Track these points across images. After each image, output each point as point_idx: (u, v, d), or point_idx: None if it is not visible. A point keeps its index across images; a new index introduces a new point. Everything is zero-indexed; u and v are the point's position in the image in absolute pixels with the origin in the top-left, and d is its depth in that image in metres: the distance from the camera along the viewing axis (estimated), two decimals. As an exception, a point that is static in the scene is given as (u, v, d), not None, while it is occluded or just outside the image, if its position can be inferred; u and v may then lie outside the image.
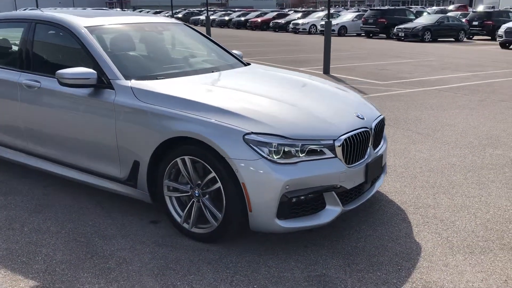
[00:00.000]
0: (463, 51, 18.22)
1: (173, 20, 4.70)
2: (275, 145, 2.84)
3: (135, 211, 3.67)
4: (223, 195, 2.95)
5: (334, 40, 23.92)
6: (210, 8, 63.00)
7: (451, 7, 54.59)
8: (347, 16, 30.13)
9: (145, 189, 3.35)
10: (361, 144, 3.19)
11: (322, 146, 2.95)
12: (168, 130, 3.07)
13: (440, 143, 5.52)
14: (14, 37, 4.63)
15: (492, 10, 27.66)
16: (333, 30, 28.58)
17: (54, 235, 3.29)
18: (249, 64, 4.49)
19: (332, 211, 3.03)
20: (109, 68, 3.48)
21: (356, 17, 28.74)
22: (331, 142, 2.98)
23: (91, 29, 3.79)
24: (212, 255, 3.01)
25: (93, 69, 3.46)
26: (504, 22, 24.86)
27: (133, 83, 3.39)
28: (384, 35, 26.67)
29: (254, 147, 2.83)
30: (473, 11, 28.24)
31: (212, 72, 3.93)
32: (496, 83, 10.16)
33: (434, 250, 3.07)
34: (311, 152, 2.92)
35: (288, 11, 41.60)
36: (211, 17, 38.99)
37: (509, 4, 47.09)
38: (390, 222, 3.46)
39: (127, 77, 3.46)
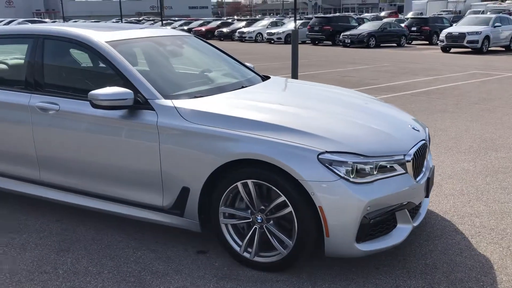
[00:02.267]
0: (411, 56, 18.96)
1: (184, 33, 4.43)
2: (351, 164, 2.68)
3: (174, 241, 3.37)
4: (295, 220, 2.75)
5: (284, 48, 24.14)
6: (148, 18, 61.83)
7: (383, 13, 57.12)
8: (292, 25, 30.49)
9: (194, 218, 3.08)
10: (421, 157, 3.11)
11: (393, 162, 2.83)
12: (227, 152, 2.83)
13: (442, 149, 5.59)
14: (12, 53, 4.19)
15: (428, 16, 29.10)
16: (280, 38, 28.87)
17: (97, 276, 2.94)
18: (267, 76, 4.31)
19: (403, 229, 2.92)
20: (145, 87, 3.19)
21: (301, 24, 29.17)
22: (402, 157, 2.87)
23: (113, 44, 3.47)
24: (284, 286, 2.80)
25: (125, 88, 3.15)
26: (440, 28, 26.38)
27: (176, 102, 3.11)
28: (329, 42, 27.25)
29: (331, 167, 2.66)
30: (411, 17, 29.55)
31: (243, 87, 3.72)
32: (459, 86, 10.58)
33: (504, 262, 3.04)
34: (382, 169, 2.79)
35: (232, 20, 41.63)
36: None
37: (435, 10, 49.85)
38: (444, 235, 3.41)
39: (166, 96, 3.18)
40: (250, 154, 2.77)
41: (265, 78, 4.25)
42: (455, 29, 20.76)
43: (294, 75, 11.78)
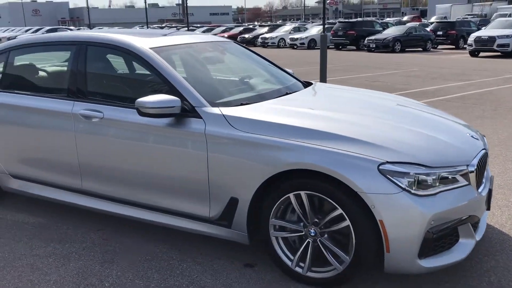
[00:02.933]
0: (438, 61, 18.60)
1: (224, 39, 4.34)
2: (413, 175, 2.53)
3: (219, 252, 3.26)
4: (353, 235, 2.61)
5: (308, 53, 24.01)
6: (170, 24, 62.40)
7: (405, 18, 56.40)
8: (315, 30, 30.35)
9: (243, 229, 2.96)
10: (482, 167, 2.94)
11: (456, 173, 2.66)
12: (279, 162, 2.71)
13: (490, 157, 5.35)
14: (50, 60, 4.16)
15: (455, 20, 28.59)
16: (303, 43, 28.73)
17: (144, 289, 2.84)
18: (309, 82, 4.18)
19: (466, 244, 2.75)
20: (191, 94, 3.09)
21: (323, 30, 28.93)
22: (465, 167, 2.71)
23: (157, 50, 3.39)
24: (341, 303, 2.66)
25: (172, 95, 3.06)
26: (467, 31, 25.88)
27: (224, 110, 3.01)
28: (353, 47, 26.99)
29: (392, 179, 2.51)
30: (437, 22, 29.06)
31: (287, 94, 3.60)
32: (494, 91, 10.28)
33: None
34: (444, 180, 2.63)
35: (254, 26, 41.66)
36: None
37: (459, 14, 49.05)
38: (504, 250, 3.22)
39: (213, 104, 3.08)
40: (304, 164, 2.64)
41: (306, 84, 4.13)
42: (484, 32, 20.30)
43: (323, 80, 11.63)
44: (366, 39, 25.10)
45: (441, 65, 16.63)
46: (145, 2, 30.54)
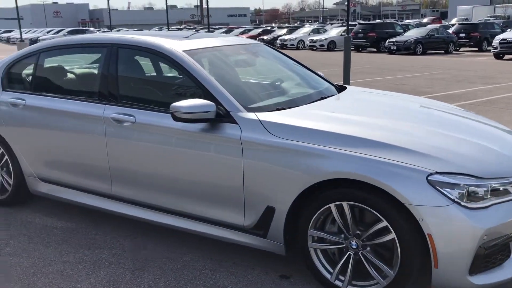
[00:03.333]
0: (462, 63, 18.25)
1: (254, 41, 4.24)
2: (464, 187, 2.39)
3: (253, 263, 3.16)
4: (398, 248, 2.48)
5: (328, 54, 23.82)
6: (189, 26, 62.68)
7: (425, 20, 55.65)
8: (334, 31, 30.14)
9: (279, 239, 2.86)
10: None
11: (507, 185, 2.51)
12: (320, 170, 2.59)
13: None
14: (78, 62, 4.12)
15: (478, 22, 28.10)
16: (323, 45, 28.54)
17: (178, 300, 2.75)
18: (342, 86, 4.05)
19: (518, 260, 2.59)
20: (226, 98, 3.00)
21: (344, 31, 28.71)
22: None
23: (190, 53, 3.30)
24: (384, 320, 2.53)
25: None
26: (491, 34, 25.40)
27: (260, 115, 2.91)
28: (374, 49, 26.69)
29: (442, 190, 2.37)
30: (460, 23, 28.60)
31: (322, 98, 3.48)
32: (523, 95, 10.00)
33: None
34: (495, 192, 2.48)
35: (272, 27, 41.57)
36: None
37: (481, 16, 48.23)
38: (554, 264, 3.03)
39: (248, 109, 2.98)
40: (347, 173, 2.52)
41: (340, 87, 4.01)
42: (510, 35, 19.86)
43: (346, 83, 11.47)
44: (387, 41, 24.80)
45: (466, 67, 16.30)
46: (166, 4, 30.62)
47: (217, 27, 48.10)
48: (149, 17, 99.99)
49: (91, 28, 48.13)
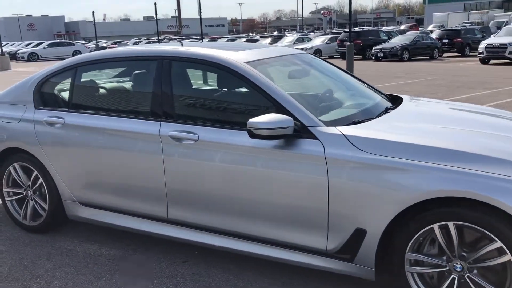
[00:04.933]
0: (452, 69, 18.43)
1: (300, 51, 4.04)
2: None
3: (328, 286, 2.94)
4: (514, 270, 2.30)
5: (316, 63, 23.74)
6: (168, 37, 62.24)
7: (402, 26, 56.50)
8: (319, 40, 30.22)
9: (369, 264, 2.65)
10: None
11: None
12: (422, 189, 2.40)
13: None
14: (101, 77, 3.87)
15: (460, 28, 28.56)
16: (308, 54, 28.53)
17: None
18: (395, 95, 3.89)
19: None
20: (302, 112, 2.79)
21: (329, 39, 28.87)
22: None
23: (252, 65, 3.10)
24: None
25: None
26: (473, 39, 25.85)
27: (343, 129, 2.71)
28: (359, 56, 26.82)
29: None
30: (442, 30, 29.04)
31: (388, 109, 3.30)
32: (528, 99, 10.06)
33: None
34: None
35: (252, 37, 41.52)
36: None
37: (456, 22, 49.22)
38: None
39: (327, 123, 2.78)
40: (454, 191, 2.34)
41: (391, 96, 3.85)
42: (496, 40, 20.19)
43: (350, 92, 11.35)
44: (374, 48, 24.95)
45: (457, 73, 16.44)
46: (156, 15, 30.35)
47: (198, 37, 47.83)
48: (126, 29, 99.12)
49: (78, 41, 47.20)
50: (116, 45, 48.08)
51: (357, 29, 32.33)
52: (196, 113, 3.22)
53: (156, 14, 30.93)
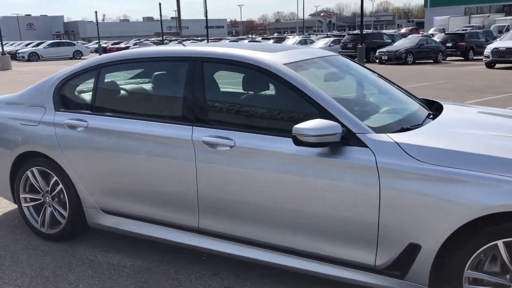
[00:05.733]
0: (458, 73, 18.30)
1: (332, 52, 3.86)
2: None
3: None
4: None
5: (320, 65, 23.60)
6: (170, 38, 62.10)
7: (403, 30, 56.47)
8: (321, 42, 30.09)
9: (422, 281, 2.48)
10: None
11: None
12: (486, 202, 2.23)
13: None
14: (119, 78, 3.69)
15: (464, 31, 28.45)
16: (311, 56, 28.38)
17: None
18: (431, 100, 3.72)
19: None
20: (349, 118, 2.62)
21: (332, 42, 28.73)
22: None
23: (292, 67, 2.92)
24: None
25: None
26: (476, 43, 25.77)
27: (395, 137, 2.53)
28: (364, 59, 26.66)
29: None
30: (446, 33, 28.93)
31: (432, 115, 3.13)
32: (542, 104, 9.91)
33: None
34: None
35: (253, 39, 41.40)
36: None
37: (457, 26, 49.20)
38: None
39: (375, 129, 2.61)
40: (521, 205, 2.16)
41: (427, 101, 3.68)
42: (502, 44, 20.05)
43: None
44: (378, 51, 24.82)
45: (464, 77, 16.31)
46: (160, 15, 30.11)
47: (199, 38, 47.79)
48: (126, 29, 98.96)
49: (78, 42, 46.95)
50: (117, 46, 47.92)
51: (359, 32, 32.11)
52: (231, 117, 3.04)
53: (160, 15, 30.78)
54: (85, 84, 3.67)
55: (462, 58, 26.08)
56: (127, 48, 45.79)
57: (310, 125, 2.49)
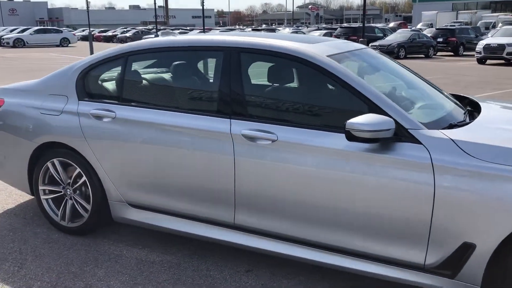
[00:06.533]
0: (453, 68, 18.42)
1: (362, 45, 3.77)
2: None
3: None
4: None
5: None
6: (158, 27, 61.36)
7: (391, 24, 56.68)
8: (314, 34, 29.99)
9: (474, 281, 2.43)
10: None
11: None
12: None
13: None
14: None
15: (455, 27, 28.62)
16: (303, 48, 28.31)
17: None
18: (460, 96, 3.67)
19: None
20: (400, 113, 2.56)
21: (324, 35, 28.65)
22: None
23: (336, 59, 2.84)
24: None
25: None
26: (466, 39, 26.00)
27: (449, 134, 2.47)
28: (355, 53, 26.69)
29: None
30: (437, 29, 29.08)
31: (473, 111, 3.08)
32: (541, 101, 9.99)
33: None
34: None
35: (241, 29, 41.10)
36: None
37: (445, 21, 49.57)
38: None
39: (427, 125, 2.54)
40: None
41: (457, 97, 3.64)
42: (493, 40, 20.24)
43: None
44: (370, 44, 24.76)
45: (458, 72, 16.41)
46: (155, 2, 29.60)
47: (188, 28, 47.37)
48: (112, 17, 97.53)
49: (65, 29, 46.00)
50: (104, 34, 47.17)
51: (353, 25, 32.17)
52: (272, 110, 2.94)
53: (155, 3, 30.31)
54: (110, 73, 3.53)
55: (452, 53, 26.28)
56: (114, 36, 45.14)
57: (365, 120, 2.41)
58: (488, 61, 20.44)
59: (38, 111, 3.54)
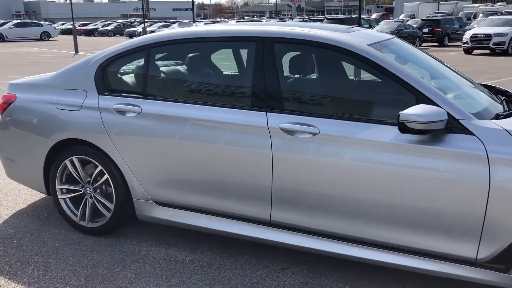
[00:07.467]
0: (442, 58, 18.41)
1: (389, 35, 3.67)
2: None
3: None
4: None
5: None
6: (137, 20, 60.47)
7: (374, 15, 56.89)
8: (299, 26, 29.89)
9: (530, 275, 2.36)
10: None
11: None
12: None
13: None
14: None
15: (440, 18, 28.80)
16: (290, 40, 28.23)
17: None
18: (486, 85, 3.61)
19: None
20: (451, 104, 2.47)
21: (310, 26, 28.57)
22: None
23: (376, 47, 2.74)
24: None
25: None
26: (451, 29, 26.19)
27: (503, 124, 2.40)
28: (341, 44, 26.71)
29: None
30: (422, 19, 29.23)
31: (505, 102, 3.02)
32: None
33: None
34: None
35: (224, 21, 40.75)
36: (148, 29, 36.95)
37: (427, 12, 49.96)
38: None
39: (478, 116, 2.46)
40: None
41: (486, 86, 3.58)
42: (480, 30, 20.40)
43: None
44: (357, 36, 24.85)
45: (448, 62, 16.04)
46: None
47: (171, 21, 46.79)
48: (91, 10, 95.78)
49: (45, 22, 44.97)
50: (84, 27, 46.32)
51: (340, 16, 32.18)
52: (310, 102, 2.83)
53: (142, -5, 29.84)
54: (130, 66, 3.37)
55: (437, 44, 26.45)
56: (95, 29, 44.30)
57: (419, 111, 2.32)
58: (475, 51, 20.63)
59: (54, 106, 3.37)
